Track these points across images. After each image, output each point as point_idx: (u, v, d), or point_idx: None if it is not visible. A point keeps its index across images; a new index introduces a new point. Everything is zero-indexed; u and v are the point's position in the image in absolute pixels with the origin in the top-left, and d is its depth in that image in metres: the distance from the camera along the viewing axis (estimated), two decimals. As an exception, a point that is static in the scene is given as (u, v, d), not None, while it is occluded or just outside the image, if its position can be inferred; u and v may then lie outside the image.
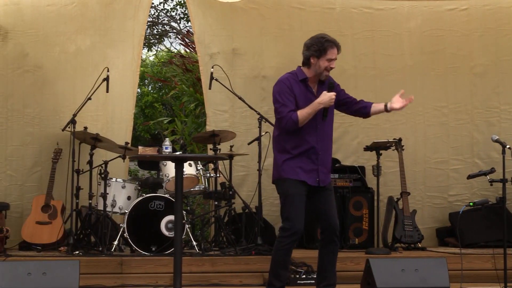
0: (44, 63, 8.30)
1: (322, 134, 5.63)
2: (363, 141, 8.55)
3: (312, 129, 5.59)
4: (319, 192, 5.62)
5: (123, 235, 7.30)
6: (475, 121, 8.83)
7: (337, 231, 5.60)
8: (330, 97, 5.54)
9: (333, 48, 5.59)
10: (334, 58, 5.60)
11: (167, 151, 6.08)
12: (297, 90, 5.60)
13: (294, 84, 5.61)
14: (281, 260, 5.59)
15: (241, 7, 8.65)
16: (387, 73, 8.82)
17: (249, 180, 8.47)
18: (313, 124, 5.59)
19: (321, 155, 5.59)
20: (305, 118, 5.53)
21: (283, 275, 5.61)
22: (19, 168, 8.24)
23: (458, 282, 6.35)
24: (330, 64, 5.59)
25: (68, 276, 5.54)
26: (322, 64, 5.58)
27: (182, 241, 5.91)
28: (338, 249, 5.69)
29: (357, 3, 8.81)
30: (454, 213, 8.47)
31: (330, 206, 5.62)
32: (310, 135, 5.58)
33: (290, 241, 5.52)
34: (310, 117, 5.54)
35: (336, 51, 5.61)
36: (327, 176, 5.65)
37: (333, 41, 5.63)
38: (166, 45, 19.18)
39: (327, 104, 5.55)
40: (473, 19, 8.81)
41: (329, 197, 5.64)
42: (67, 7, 8.33)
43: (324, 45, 5.58)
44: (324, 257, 5.66)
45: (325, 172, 5.63)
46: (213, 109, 8.67)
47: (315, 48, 5.59)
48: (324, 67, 5.59)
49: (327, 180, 5.64)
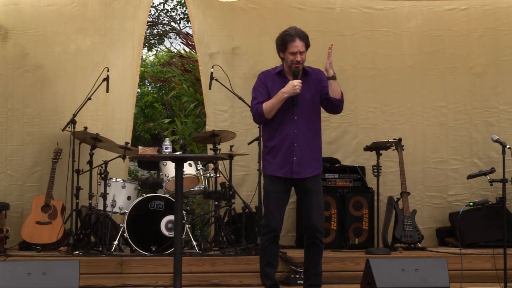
0: (44, 63, 8.30)
1: (301, 125, 5.57)
2: (362, 141, 8.55)
3: (289, 120, 5.58)
4: (303, 191, 5.63)
5: (123, 235, 7.30)
6: (474, 121, 8.83)
7: (317, 232, 5.59)
8: (293, 85, 5.50)
9: (293, 41, 5.52)
10: (296, 51, 5.52)
11: (167, 151, 6.09)
12: (271, 83, 5.64)
13: (269, 78, 5.67)
14: (264, 258, 5.68)
15: (241, 7, 8.66)
16: (387, 73, 8.82)
17: (249, 180, 8.47)
18: (289, 115, 5.57)
19: (298, 146, 5.55)
20: (271, 108, 5.54)
21: (270, 273, 5.66)
22: (19, 168, 8.24)
23: (458, 282, 6.35)
24: (295, 57, 5.53)
25: (68, 276, 5.54)
26: (287, 58, 5.58)
27: (182, 241, 5.92)
28: (323, 250, 5.68)
29: (357, 3, 8.81)
30: (454, 213, 8.47)
31: (312, 207, 5.59)
32: (286, 126, 5.58)
33: (267, 239, 5.59)
34: (277, 107, 5.53)
35: (297, 44, 5.52)
36: (305, 168, 5.57)
37: (295, 34, 5.54)
38: (166, 46, 19.18)
39: (291, 92, 5.51)
40: (472, 19, 8.81)
41: (313, 198, 5.60)
42: (67, 7, 8.33)
43: (284, 39, 5.57)
44: (307, 257, 5.72)
45: (302, 164, 5.56)
46: (213, 109, 8.67)
47: (278, 43, 5.64)
48: (290, 61, 5.56)
49: (303, 173, 5.57)
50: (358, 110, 8.77)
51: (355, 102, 8.75)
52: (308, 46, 5.63)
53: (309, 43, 5.63)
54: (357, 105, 8.75)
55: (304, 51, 5.57)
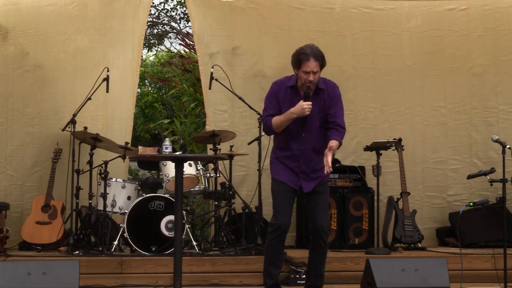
0: (44, 63, 8.30)
1: (305, 144, 5.60)
2: (362, 141, 8.56)
3: (296, 138, 5.61)
4: (310, 193, 5.66)
5: (123, 235, 7.30)
6: (473, 121, 8.83)
7: (323, 233, 5.62)
8: (301, 107, 5.47)
9: (308, 60, 5.45)
10: (309, 71, 5.46)
11: (167, 151, 6.10)
12: (283, 95, 5.61)
13: (281, 89, 5.63)
14: (269, 256, 5.69)
15: (240, 7, 8.66)
16: (386, 73, 8.83)
17: (249, 180, 8.48)
18: (297, 132, 5.60)
19: (304, 163, 5.60)
20: (279, 125, 5.56)
21: (273, 273, 5.68)
22: (19, 168, 8.24)
23: (458, 282, 6.36)
24: (308, 77, 5.47)
25: (68, 276, 5.54)
26: (300, 76, 5.54)
27: (182, 241, 5.92)
28: (326, 252, 5.72)
29: (357, 3, 8.81)
30: (454, 213, 8.47)
31: (317, 208, 5.63)
32: (293, 143, 5.62)
33: (274, 237, 5.59)
34: (285, 124, 5.54)
35: (311, 64, 5.44)
36: (310, 183, 5.62)
37: (310, 53, 5.46)
38: (166, 46, 19.17)
39: (300, 114, 5.49)
40: (472, 19, 8.82)
41: (319, 199, 5.64)
42: (67, 7, 8.34)
43: (299, 57, 5.51)
44: (311, 258, 5.76)
45: (306, 179, 5.62)
46: (213, 109, 8.67)
47: (293, 59, 5.58)
48: (303, 80, 5.52)
49: (308, 187, 5.63)
50: (357, 110, 8.77)
51: (354, 102, 8.75)
52: (323, 66, 5.55)
53: (324, 63, 5.54)
54: (356, 105, 8.76)
55: (318, 71, 5.50)
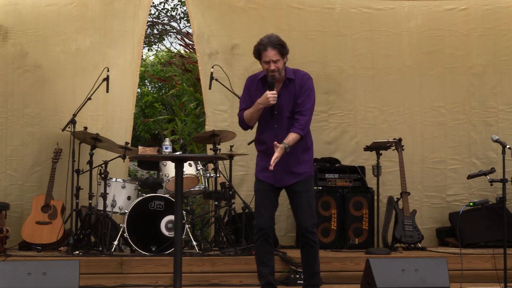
0: (44, 63, 8.30)
1: (280, 133, 5.55)
2: (361, 141, 8.56)
3: (268, 129, 5.61)
4: (291, 193, 5.66)
5: (123, 235, 7.30)
6: (473, 121, 8.84)
7: (309, 233, 5.60)
8: (266, 97, 5.48)
9: (265, 50, 5.47)
10: (269, 60, 5.47)
11: (167, 151, 6.09)
12: (254, 88, 5.66)
13: (253, 83, 5.69)
14: (258, 257, 5.72)
15: (240, 7, 8.66)
16: (386, 73, 8.83)
17: (249, 180, 8.46)
18: (268, 123, 5.60)
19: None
20: (250, 118, 5.61)
21: (264, 273, 5.69)
22: (19, 168, 8.24)
23: (458, 282, 6.37)
24: (269, 66, 5.48)
25: (68, 276, 5.54)
26: (263, 67, 5.58)
27: (182, 241, 5.93)
28: (317, 250, 5.69)
29: (357, 3, 8.81)
30: (454, 213, 8.48)
31: (300, 208, 5.61)
32: (267, 134, 5.61)
33: (258, 237, 5.63)
34: (256, 116, 5.57)
35: (269, 53, 5.46)
36: (285, 177, 5.58)
37: (267, 43, 5.48)
38: (166, 45, 19.18)
39: (266, 104, 5.50)
40: (472, 19, 8.83)
41: (301, 200, 5.61)
42: (67, 7, 8.34)
43: (257, 48, 5.56)
44: (303, 257, 5.76)
45: (281, 173, 5.56)
46: (212, 109, 8.68)
47: (253, 53, 5.62)
48: (265, 70, 5.54)
49: (283, 181, 5.59)
50: (357, 110, 8.77)
51: (354, 102, 8.76)
52: (285, 53, 5.52)
53: (284, 50, 5.51)
54: (356, 105, 8.76)
55: (278, 59, 5.48)
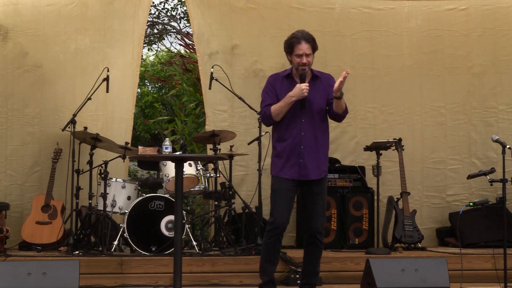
0: (44, 63, 8.30)
1: (307, 128, 5.63)
2: (361, 141, 8.57)
3: (296, 122, 5.64)
4: (308, 193, 5.68)
5: (123, 235, 7.30)
6: (472, 121, 8.84)
7: (318, 234, 5.66)
8: (300, 89, 5.55)
9: (299, 43, 5.58)
10: (302, 54, 5.58)
11: (167, 151, 6.09)
12: (279, 86, 5.70)
13: (277, 80, 5.73)
14: (265, 254, 5.72)
15: (240, 7, 8.66)
16: (386, 73, 8.84)
17: (249, 180, 8.48)
18: (297, 118, 5.63)
19: (305, 148, 5.61)
20: (279, 111, 5.61)
21: (269, 269, 5.71)
22: (19, 168, 8.25)
23: (458, 282, 6.37)
24: (301, 59, 5.58)
25: (68, 276, 5.55)
26: (294, 61, 5.65)
27: (182, 241, 5.93)
28: (322, 250, 5.74)
29: (356, 3, 8.82)
30: (454, 213, 8.48)
31: (314, 209, 5.65)
32: (294, 129, 5.64)
33: (272, 235, 5.62)
34: (285, 110, 5.60)
35: (303, 46, 5.58)
36: (312, 171, 5.63)
37: (301, 36, 5.60)
38: (166, 45, 19.18)
39: (299, 96, 5.56)
40: (472, 19, 8.83)
41: (317, 200, 5.66)
42: (67, 7, 8.34)
43: (290, 41, 5.64)
44: (306, 256, 5.79)
45: (309, 166, 5.62)
46: (213, 109, 8.68)
47: (285, 45, 5.70)
48: (297, 63, 5.62)
49: (311, 175, 5.64)
50: (357, 110, 8.77)
51: (354, 102, 8.75)
52: (315, 49, 5.68)
53: (316, 46, 5.67)
54: (356, 105, 8.76)
55: (310, 54, 5.62)
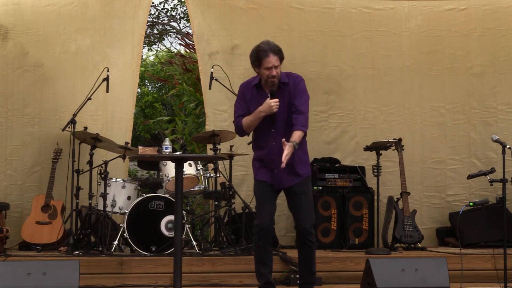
0: (44, 63, 8.31)
1: (276, 139, 5.55)
2: (361, 141, 8.57)
3: (267, 133, 5.61)
4: (290, 194, 5.68)
5: (123, 235, 7.30)
6: (472, 121, 8.84)
7: (307, 234, 5.63)
8: (269, 105, 5.49)
9: (267, 56, 5.46)
10: (271, 66, 5.48)
11: (167, 151, 6.09)
12: (250, 95, 5.66)
13: (248, 89, 5.68)
14: (258, 257, 5.71)
15: (240, 7, 8.67)
16: (386, 73, 8.84)
17: (249, 180, 8.46)
18: (267, 128, 5.61)
19: (277, 157, 5.50)
20: (249, 125, 5.61)
21: (264, 272, 5.68)
22: (19, 168, 8.25)
23: (458, 282, 6.37)
24: (270, 72, 5.49)
25: (68, 276, 5.54)
26: (263, 73, 5.55)
27: (182, 241, 5.92)
28: (315, 249, 5.72)
29: (356, 3, 8.82)
30: (454, 213, 8.48)
31: (299, 209, 5.63)
32: (266, 139, 5.63)
33: (259, 237, 5.62)
34: (255, 123, 5.57)
35: (271, 59, 5.46)
36: (286, 179, 5.60)
37: (268, 49, 5.48)
38: (166, 45, 19.18)
39: (268, 112, 5.51)
40: (472, 19, 8.83)
41: (300, 201, 5.64)
42: (67, 7, 8.35)
43: (258, 54, 5.52)
44: (300, 257, 5.78)
45: (283, 176, 5.58)
46: (213, 109, 8.68)
47: (252, 59, 5.59)
48: (266, 76, 5.54)
49: (285, 183, 5.62)
50: (357, 110, 8.78)
51: (354, 102, 8.77)
52: (282, 59, 5.57)
53: (283, 56, 5.55)
54: (356, 105, 8.77)
55: (279, 65, 5.52)
